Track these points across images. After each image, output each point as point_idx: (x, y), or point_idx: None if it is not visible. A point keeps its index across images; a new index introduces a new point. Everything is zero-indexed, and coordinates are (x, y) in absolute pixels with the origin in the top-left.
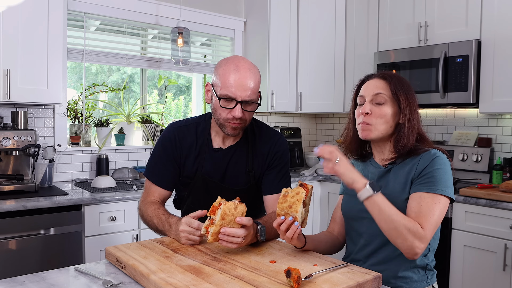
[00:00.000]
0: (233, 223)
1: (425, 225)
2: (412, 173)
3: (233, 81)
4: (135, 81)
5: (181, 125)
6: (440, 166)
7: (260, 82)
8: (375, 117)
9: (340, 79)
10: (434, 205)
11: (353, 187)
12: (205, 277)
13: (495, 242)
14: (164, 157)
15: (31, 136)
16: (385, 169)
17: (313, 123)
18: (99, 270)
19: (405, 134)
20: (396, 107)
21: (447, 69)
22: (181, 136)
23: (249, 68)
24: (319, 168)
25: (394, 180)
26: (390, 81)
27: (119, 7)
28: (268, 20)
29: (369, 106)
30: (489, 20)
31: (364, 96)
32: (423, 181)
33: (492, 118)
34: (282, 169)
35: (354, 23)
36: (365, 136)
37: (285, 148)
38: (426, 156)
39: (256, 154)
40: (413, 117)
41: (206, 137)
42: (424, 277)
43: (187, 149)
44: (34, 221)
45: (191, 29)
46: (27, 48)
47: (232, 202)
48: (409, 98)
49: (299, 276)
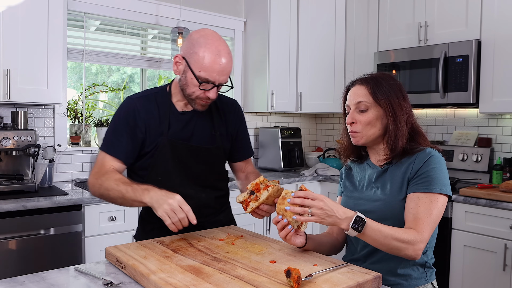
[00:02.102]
0: (270, 201)
1: (422, 227)
2: (408, 173)
3: (216, 67)
4: (135, 81)
5: (140, 96)
6: (436, 165)
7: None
8: (361, 124)
9: (340, 79)
10: (431, 205)
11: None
12: (205, 277)
13: (495, 242)
14: (123, 129)
15: (31, 136)
16: (382, 169)
17: (313, 123)
18: (99, 270)
19: (392, 136)
20: (380, 110)
21: (447, 69)
22: (140, 106)
23: (228, 52)
24: (319, 168)
25: (391, 180)
26: (368, 86)
27: (119, 7)
28: (268, 20)
29: (353, 116)
30: (489, 20)
31: (349, 106)
32: (419, 181)
33: (492, 118)
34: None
35: (354, 23)
36: (356, 142)
37: (243, 115)
38: (421, 155)
39: (220, 117)
40: (398, 117)
41: (168, 104)
42: (423, 274)
43: (148, 118)
44: (34, 221)
45: (191, 29)
46: (27, 48)
47: (277, 187)
48: (391, 99)
49: (299, 276)
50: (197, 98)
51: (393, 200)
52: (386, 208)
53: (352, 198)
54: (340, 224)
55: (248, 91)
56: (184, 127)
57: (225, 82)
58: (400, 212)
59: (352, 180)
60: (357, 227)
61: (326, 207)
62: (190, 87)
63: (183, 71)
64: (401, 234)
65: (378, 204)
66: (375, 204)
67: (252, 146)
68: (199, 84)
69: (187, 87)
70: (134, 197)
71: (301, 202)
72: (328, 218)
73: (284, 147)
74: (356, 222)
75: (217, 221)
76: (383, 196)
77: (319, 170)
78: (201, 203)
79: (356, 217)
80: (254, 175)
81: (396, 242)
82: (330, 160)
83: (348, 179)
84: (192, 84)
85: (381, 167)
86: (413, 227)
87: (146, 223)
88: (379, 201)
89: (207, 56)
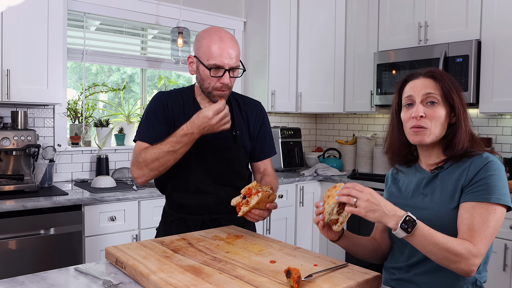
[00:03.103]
0: (262, 205)
1: (478, 240)
2: (462, 180)
3: (219, 51)
4: (135, 81)
5: (169, 92)
6: (494, 172)
7: (240, 50)
8: (430, 120)
9: (340, 79)
10: (488, 216)
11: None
12: (205, 277)
13: (495, 242)
14: (157, 118)
15: (31, 136)
16: (431, 175)
17: (313, 123)
18: (99, 270)
19: (460, 136)
20: (447, 108)
21: (447, 69)
22: (171, 100)
23: (231, 37)
24: (319, 168)
25: (442, 187)
26: (441, 79)
27: (119, 7)
28: (268, 20)
29: (422, 108)
30: (489, 20)
31: (413, 96)
32: (475, 189)
33: (492, 118)
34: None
35: (354, 23)
36: (420, 141)
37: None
38: (477, 161)
39: (242, 118)
40: (466, 117)
41: (193, 102)
42: None
43: (177, 113)
44: (34, 221)
45: (191, 29)
46: (27, 48)
47: (267, 192)
48: (461, 97)
49: (299, 276)
50: (213, 89)
51: (443, 209)
52: (435, 218)
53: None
54: (387, 222)
55: (248, 91)
56: None
57: (235, 65)
58: (450, 223)
59: (398, 185)
60: (407, 228)
61: (373, 199)
62: (205, 80)
63: (197, 68)
64: (455, 244)
65: (426, 213)
66: (423, 212)
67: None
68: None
69: (203, 81)
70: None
71: (348, 192)
72: (373, 212)
73: (284, 147)
74: (405, 222)
75: (234, 219)
76: (432, 204)
77: (319, 170)
78: (220, 200)
79: (406, 217)
80: (269, 178)
81: (448, 253)
82: (330, 160)
83: (394, 184)
84: (206, 76)
85: (431, 172)
86: (467, 239)
87: (168, 215)
88: (427, 210)
89: (211, 43)
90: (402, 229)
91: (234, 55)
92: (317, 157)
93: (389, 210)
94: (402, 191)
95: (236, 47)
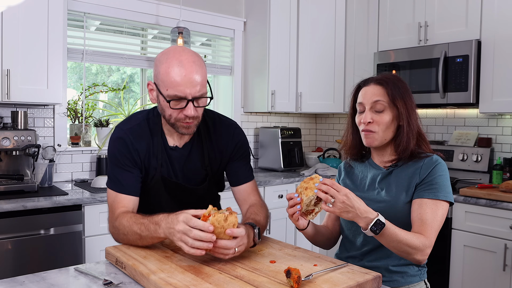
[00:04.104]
0: (224, 234)
1: (430, 232)
2: (415, 178)
3: (179, 79)
4: (135, 81)
5: (132, 125)
6: (442, 173)
7: (206, 73)
8: (377, 124)
9: (340, 79)
10: (437, 211)
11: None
12: (205, 277)
13: (495, 242)
14: (121, 166)
15: (31, 136)
16: (387, 171)
17: (313, 123)
18: (99, 270)
19: (404, 138)
20: (395, 111)
21: (447, 69)
22: (134, 139)
23: (193, 60)
24: (319, 168)
25: (396, 182)
26: (386, 86)
27: (119, 7)
28: (268, 20)
29: (370, 115)
30: (489, 20)
31: (364, 104)
32: (427, 188)
33: (492, 118)
34: (245, 159)
35: (354, 23)
36: (369, 143)
37: (244, 138)
38: (428, 162)
39: (212, 148)
40: (411, 120)
41: (160, 134)
42: (418, 272)
43: (144, 149)
44: (34, 221)
45: (191, 29)
46: (27, 48)
47: (222, 214)
48: (407, 102)
49: (299, 276)
50: (176, 121)
51: (398, 203)
52: (390, 210)
53: None
54: (359, 222)
55: (248, 91)
56: (175, 165)
57: (199, 94)
58: (403, 215)
59: (353, 178)
60: (375, 230)
61: (348, 201)
62: (166, 111)
63: (156, 96)
64: (413, 239)
65: (382, 206)
66: (379, 205)
67: (251, 172)
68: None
69: (164, 112)
70: (150, 234)
71: (327, 189)
72: (347, 213)
73: (284, 147)
74: (375, 224)
75: None
76: (388, 198)
77: (319, 170)
78: None
79: (376, 220)
80: (254, 208)
81: (408, 247)
82: (330, 160)
83: (349, 176)
84: (166, 106)
85: (385, 169)
86: (420, 231)
87: None
88: (383, 203)
89: (169, 70)
90: (371, 231)
91: (198, 82)
92: (317, 157)
93: (361, 211)
94: (357, 184)
95: (200, 71)
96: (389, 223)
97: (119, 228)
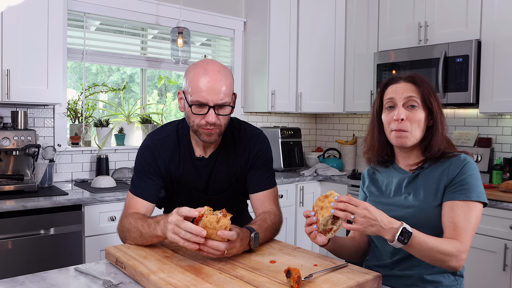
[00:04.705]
0: (216, 235)
1: (464, 236)
2: (444, 179)
3: (202, 85)
4: (135, 81)
5: (162, 136)
6: (472, 172)
7: (232, 84)
8: (410, 122)
9: (340, 79)
10: (470, 213)
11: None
12: (205, 277)
13: (495, 242)
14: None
15: (31, 136)
16: (413, 175)
17: (313, 123)
18: (99, 270)
19: (438, 138)
20: (426, 111)
21: (447, 69)
22: (162, 149)
23: (219, 70)
24: (319, 168)
25: (424, 186)
26: (420, 84)
27: (119, 7)
28: (268, 20)
29: (404, 111)
30: (489, 20)
31: (395, 99)
32: (457, 189)
33: (492, 118)
34: (265, 167)
35: (354, 23)
36: (402, 143)
37: (265, 147)
38: (456, 162)
39: (237, 159)
40: (442, 120)
41: (188, 145)
42: (454, 282)
43: (170, 159)
44: (34, 221)
45: (191, 29)
46: (27, 48)
47: (215, 216)
48: (438, 102)
49: (299, 276)
50: (198, 127)
51: (427, 207)
52: (420, 215)
53: (380, 204)
54: (384, 235)
55: (248, 91)
56: (201, 175)
57: (221, 102)
58: (434, 219)
59: (377, 184)
60: (403, 239)
61: (370, 215)
62: (190, 118)
63: (184, 105)
64: (446, 246)
65: (411, 211)
66: (408, 210)
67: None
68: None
69: (189, 119)
70: (150, 232)
71: (344, 207)
72: (371, 227)
73: (284, 147)
74: (402, 234)
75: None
76: (417, 202)
77: (319, 170)
78: None
79: (402, 229)
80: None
81: (441, 254)
82: (330, 160)
83: (373, 183)
84: (190, 113)
85: (411, 172)
86: (454, 236)
87: None
88: (411, 208)
89: (195, 77)
90: (399, 241)
91: (221, 91)
92: (317, 157)
93: (385, 223)
94: (382, 190)
95: (224, 80)
96: (416, 231)
97: (124, 224)
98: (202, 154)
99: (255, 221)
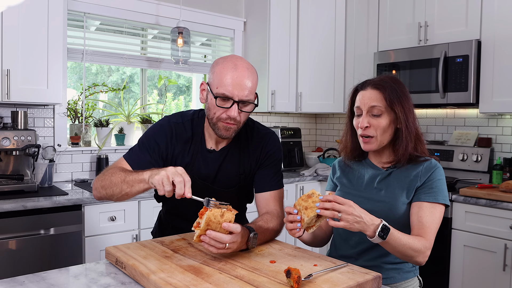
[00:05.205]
0: (220, 228)
1: (430, 234)
2: (416, 181)
3: (230, 80)
4: (135, 81)
5: (179, 122)
6: (441, 177)
7: (257, 83)
8: (375, 129)
9: (340, 79)
10: (435, 214)
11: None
12: (205, 277)
13: (495, 242)
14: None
15: (31, 136)
16: (386, 172)
17: (313, 123)
18: (99, 270)
19: (404, 142)
20: (392, 115)
21: (447, 69)
22: (177, 134)
23: (247, 67)
24: (319, 168)
25: (397, 184)
26: (384, 91)
27: (119, 7)
28: (268, 20)
29: (367, 119)
30: (489, 20)
31: (360, 108)
32: (426, 191)
33: (492, 118)
34: (274, 168)
35: (354, 23)
36: (368, 148)
37: (276, 147)
38: (428, 166)
39: (248, 157)
40: (409, 123)
41: (200, 136)
42: (413, 268)
43: (181, 146)
44: (34, 221)
45: (191, 29)
46: (27, 48)
47: (219, 210)
48: (404, 105)
49: (299, 276)
50: (218, 120)
51: (398, 204)
52: (390, 210)
53: (351, 195)
54: (366, 230)
55: None
56: (210, 168)
57: (246, 98)
58: (402, 216)
59: (349, 176)
60: (383, 235)
61: (355, 212)
62: (212, 110)
63: (206, 96)
64: (416, 243)
65: (382, 205)
66: (378, 204)
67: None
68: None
69: (209, 110)
70: (135, 177)
71: (331, 206)
72: (356, 224)
73: (284, 147)
74: (382, 230)
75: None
76: (388, 198)
77: (319, 170)
78: None
79: (382, 225)
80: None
81: (411, 250)
82: (330, 160)
83: (345, 175)
84: (212, 105)
85: (384, 169)
86: (420, 234)
87: (163, 220)
88: (382, 202)
89: (223, 71)
90: (379, 237)
91: (248, 87)
92: (317, 157)
93: (368, 220)
94: (353, 183)
95: (251, 77)
96: (392, 228)
97: (107, 171)
98: (213, 147)
99: (256, 221)
